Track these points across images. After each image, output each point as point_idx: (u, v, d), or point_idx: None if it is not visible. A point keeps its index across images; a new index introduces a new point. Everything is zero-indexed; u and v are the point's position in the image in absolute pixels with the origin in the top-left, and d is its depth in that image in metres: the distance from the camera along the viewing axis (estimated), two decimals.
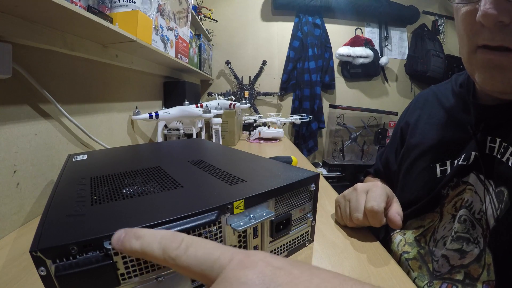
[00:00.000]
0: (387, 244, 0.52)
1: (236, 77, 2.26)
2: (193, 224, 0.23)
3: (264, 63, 2.30)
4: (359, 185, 0.43)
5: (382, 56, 2.34)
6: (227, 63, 2.25)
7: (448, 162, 0.45)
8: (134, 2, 0.67)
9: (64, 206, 0.26)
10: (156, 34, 0.84)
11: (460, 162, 0.42)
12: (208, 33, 2.11)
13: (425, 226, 0.46)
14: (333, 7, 2.21)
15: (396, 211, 0.39)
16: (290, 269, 0.16)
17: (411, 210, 0.48)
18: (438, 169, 0.46)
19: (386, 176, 0.62)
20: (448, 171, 0.44)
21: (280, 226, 0.32)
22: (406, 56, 2.40)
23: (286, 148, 1.18)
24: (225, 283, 0.15)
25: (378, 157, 0.68)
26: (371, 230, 0.43)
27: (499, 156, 0.37)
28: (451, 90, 0.50)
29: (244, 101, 1.25)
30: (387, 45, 2.40)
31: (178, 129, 0.95)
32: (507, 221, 0.34)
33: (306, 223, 0.37)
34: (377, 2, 2.22)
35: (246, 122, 1.44)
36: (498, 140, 0.38)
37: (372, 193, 0.40)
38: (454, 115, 0.47)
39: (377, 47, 2.35)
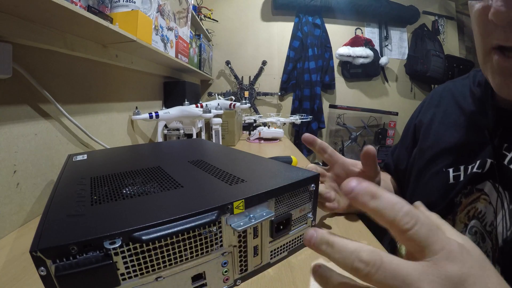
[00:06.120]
0: (393, 251, 0.51)
1: (236, 77, 2.26)
2: (193, 224, 0.23)
3: (264, 63, 2.30)
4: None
5: (382, 56, 2.34)
6: (227, 63, 2.25)
7: (462, 168, 0.43)
8: (134, 2, 0.67)
9: (64, 206, 0.26)
10: (156, 34, 0.84)
11: (474, 170, 0.40)
12: (208, 33, 2.11)
13: None
14: (333, 7, 2.21)
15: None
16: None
17: None
18: (451, 174, 0.43)
19: (396, 173, 0.60)
20: (462, 177, 0.42)
21: (280, 226, 0.32)
22: (406, 56, 2.40)
23: (286, 148, 1.18)
24: (428, 269, 0.17)
25: (390, 152, 0.65)
26: (374, 234, 0.42)
27: None
28: (469, 88, 0.47)
29: (244, 101, 1.25)
30: (387, 45, 2.40)
31: (178, 129, 0.95)
32: None
33: (306, 223, 0.37)
34: (377, 2, 2.22)
35: (246, 122, 1.44)
36: None
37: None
38: (470, 117, 0.44)
39: (377, 47, 2.35)
